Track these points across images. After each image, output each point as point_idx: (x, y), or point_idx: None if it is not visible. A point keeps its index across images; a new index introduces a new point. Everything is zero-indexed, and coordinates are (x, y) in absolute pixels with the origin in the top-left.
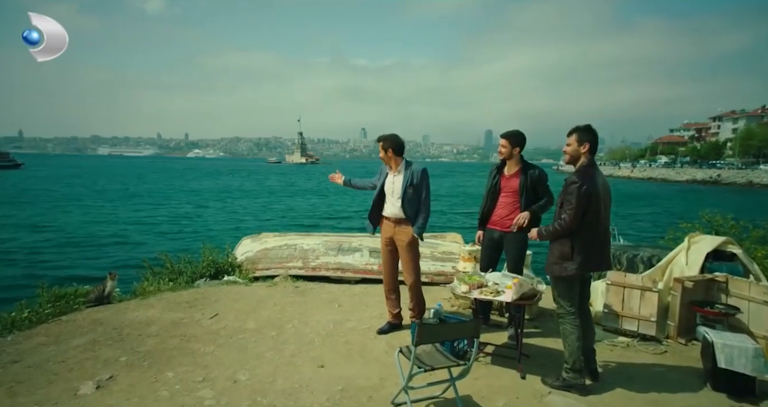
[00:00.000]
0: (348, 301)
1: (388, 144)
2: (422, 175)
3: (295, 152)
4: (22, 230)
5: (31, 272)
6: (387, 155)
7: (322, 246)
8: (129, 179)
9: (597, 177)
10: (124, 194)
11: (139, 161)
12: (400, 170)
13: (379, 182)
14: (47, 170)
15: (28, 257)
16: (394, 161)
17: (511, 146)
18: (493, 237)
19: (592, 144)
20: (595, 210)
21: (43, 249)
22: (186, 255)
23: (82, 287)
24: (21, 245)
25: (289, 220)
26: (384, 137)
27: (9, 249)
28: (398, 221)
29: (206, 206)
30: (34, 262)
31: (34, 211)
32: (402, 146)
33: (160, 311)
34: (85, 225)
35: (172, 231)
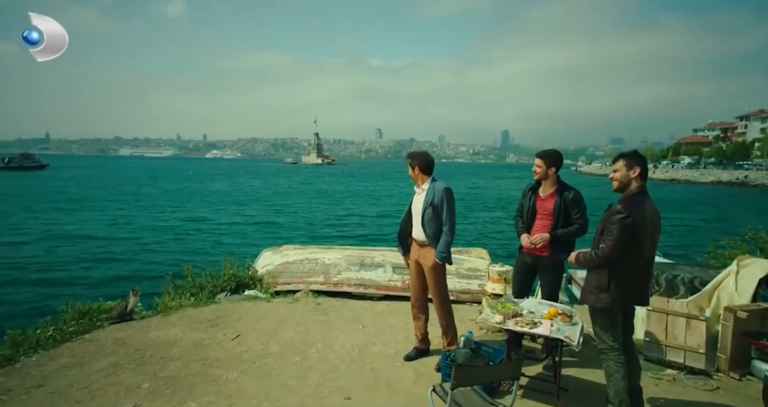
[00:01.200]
0: (372, 321)
1: (415, 162)
2: (444, 193)
3: (312, 153)
4: (38, 236)
5: (49, 277)
6: (415, 172)
7: (344, 261)
8: (149, 181)
9: (645, 206)
10: (143, 197)
11: (159, 161)
12: (424, 187)
13: (408, 202)
14: (70, 172)
15: (48, 263)
16: (421, 179)
17: (546, 166)
18: (526, 262)
19: (643, 169)
20: (639, 243)
21: (61, 257)
22: (207, 268)
23: (105, 303)
24: (37, 253)
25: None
26: (412, 154)
27: (25, 257)
28: (422, 243)
29: (224, 210)
30: (53, 268)
31: (51, 216)
32: (431, 164)
33: (182, 330)
34: (104, 230)
35: (189, 236)
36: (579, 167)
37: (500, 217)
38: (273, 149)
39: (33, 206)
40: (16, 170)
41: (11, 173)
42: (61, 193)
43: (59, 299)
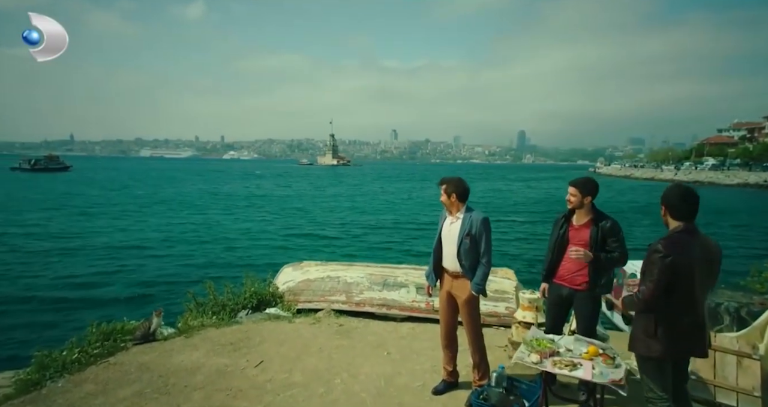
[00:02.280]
0: (396, 346)
1: (452, 189)
2: (482, 224)
3: (327, 154)
4: (57, 243)
5: (71, 286)
6: (450, 200)
7: (366, 280)
8: (168, 183)
9: (693, 246)
10: (161, 201)
11: (177, 163)
12: (458, 216)
13: (438, 229)
14: (92, 174)
15: (69, 274)
16: (457, 207)
17: (582, 195)
18: (560, 294)
19: (681, 206)
20: (686, 285)
21: (81, 266)
22: (228, 284)
23: (128, 323)
24: (57, 260)
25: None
26: (447, 180)
27: (46, 266)
28: (456, 274)
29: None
30: (74, 279)
31: (71, 221)
32: (467, 191)
33: (205, 354)
34: (122, 238)
35: (208, 243)
36: (597, 168)
37: (522, 223)
38: (289, 150)
39: (53, 210)
40: (42, 172)
41: (37, 174)
42: (79, 196)
43: (80, 311)
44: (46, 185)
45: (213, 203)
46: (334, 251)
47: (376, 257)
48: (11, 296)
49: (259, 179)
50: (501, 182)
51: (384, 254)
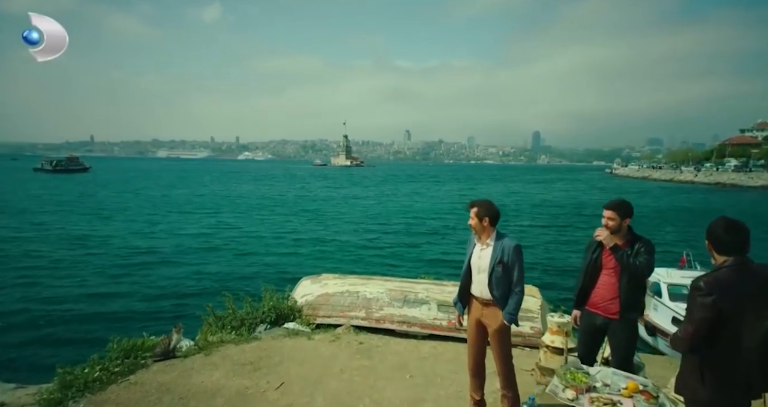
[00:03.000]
0: (418, 367)
1: (483, 212)
2: (515, 251)
3: (340, 155)
4: (74, 248)
5: (85, 291)
6: (482, 224)
7: (386, 296)
8: (183, 185)
9: (742, 283)
10: (177, 204)
11: (193, 163)
12: (489, 242)
13: (467, 255)
14: (109, 175)
15: (80, 276)
16: (488, 232)
17: (620, 218)
18: (594, 323)
19: (724, 240)
20: (734, 328)
21: (93, 270)
22: (247, 297)
23: (149, 339)
24: (75, 266)
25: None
26: (479, 203)
27: (65, 272)
28: (486, 302)
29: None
30: (87, 283)
31: (90, 225)
32: (499, 215)
33: (225, 374)
34: (138, 242)
35: (223, 250)
36: (614, 169)
37: (543, 228)
38: (303, 151)
39: (73, 212)
40: (62, 173)
41: (58, 175)
42: (94, 198)
43: (96, 320)
44: (65, 187)
45: (227, 207)
46: (349, 256)
47: (392, 264)
48: (29, 304)
49: (273, 180)
50: (517, 183)
51: (401, 259)
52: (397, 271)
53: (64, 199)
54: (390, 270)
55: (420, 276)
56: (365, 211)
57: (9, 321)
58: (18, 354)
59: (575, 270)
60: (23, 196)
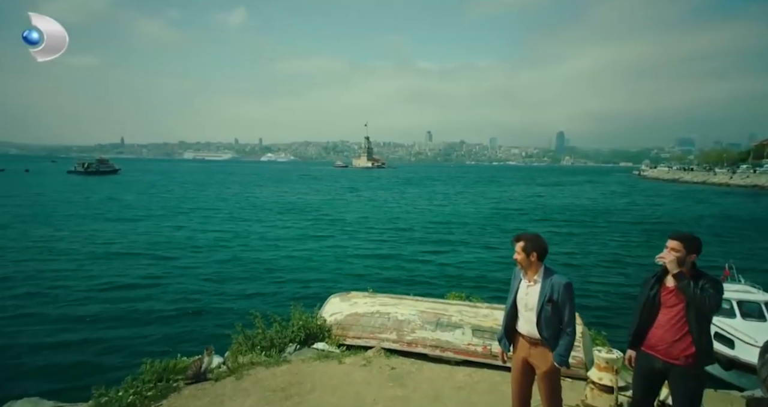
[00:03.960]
0: (454, 399)
1: (531, 247)
2: (565, 290)
3: (362, 156)
4: (94, 259)
5: (113, 304)
6: (529, 259)
7: (418, 318)
8: (208, 187)
9: None
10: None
11: (217, 165)
12: (537, 279)
13: (512, 290)
14: (137, 177)
15: (107, 286)
16: (535, 267)
17: (686, 252)
18: (652, 367)
19: None
20: None
21: (120, 279)
22: (275, 315)
23: (180, 360)
24: (99, 273)
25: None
26: (525, 237)
27: (92, 281)
28: (534, 342)
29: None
30: (113, 291)
31: (117, 229)
32: (547, 250)
33: (257, 402)
34: (161, 249)
35: (244, 257)
36: (642, 170)
37: (574, 235)
38: (324, 152)
39: (100, 216)
40: (93, 175)
41: (89, 177)
42: (120, 201)
43: (127, 333)
44: (95, 189)
45: (247, 212)
46: (373, 267)
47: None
48: (56, 315)
49: (294, 183)
50: (541, 186)
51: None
52: (424, 285)
53: (92, 202)
54: (416, 284)
55: (450, 295)
56: (387, 215)
57: (43, 339)
58: (54, 369)
59: (612, 285)
60: (58, 200)
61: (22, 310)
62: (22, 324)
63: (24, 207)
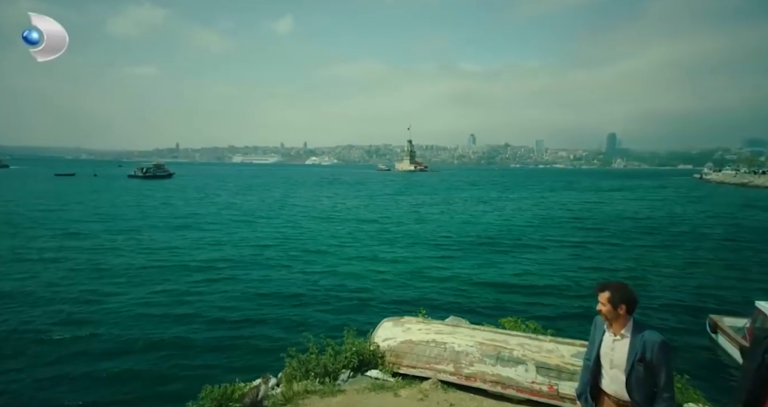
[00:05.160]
0: None
1: (620, 298)
2: (660, 349)
3: (404, 160)
4: (140, 272)
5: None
6: (617, 312)
7: (477, 350)
8: (255, 191)
9: None
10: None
11: (264, 168)
12: (625, 333)
13: (594, 343)
14: (189, 180)
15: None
16: (623, 320)
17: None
18: None
19: None
20: None
21: (167, 291)
22: (329, 339)
23: (238, 385)
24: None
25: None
26: (612, 287)
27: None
28: (623, 404)
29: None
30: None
31: (159, 235)
32: (637, 301)
33: None
34: (208, 254)
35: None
36: (705, 174)
37: (629, 246)
38: (367, 156)
39: (154, 227)
40: (151, 179)
41: (147, 181)
42: (172, 207)
43: (178, 353)
44: (150, 193)
45: (290, 217)
46: (421, 286)
47: (470, 296)
48: (111, 338)
49: (337, 187)
50: (592, 191)
51: (477, 286)
52: (474, 300)
53: (148, 207)
54: (465, 300)
55: (506, 321)
56: (431, 223)
57: (97, 365)
58: (113, 396)
59: (681, 310)
60: (117, 204)
61: (72, 333)
62: (75, 353)
63: (85, 212)
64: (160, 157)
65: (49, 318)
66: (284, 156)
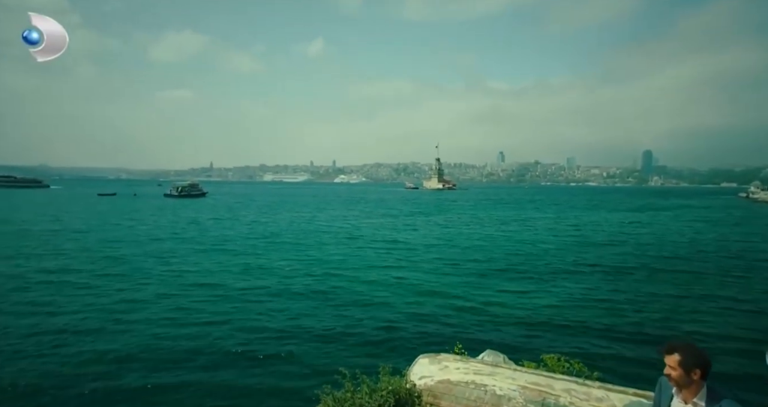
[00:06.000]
0: None
1: (693, 362)
2: None
3: (432, 178)
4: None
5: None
6: (690, 377)
7: (520, 395)
8: (285, 209)
9: None
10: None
11: (293, 187)
12: (698, 402)
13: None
14: (221, 199)
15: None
16: (696, 387)
17: None
18: None
19: None
20: None
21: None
22: (365, 377)
23: None
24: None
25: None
26: (682, 348)
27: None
28: None
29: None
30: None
31: (193, 257)
32: (711, 364)
33: None
34: (231, 278)
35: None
36: (751, 192)
37: (677, 272)
38: (395, 174)
39: (180, 246)
40: (186, 198)
41: (182, 200)
42: (200, 225)
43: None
44: (183, 212)
45: (317, 239)
46: (455, 318)
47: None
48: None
49: (364, 205)
50: (628, 211)
51: (513, 315)
52: (509, 328)
53: (179, 228)
54: (500, 330)
55: (548, 358)
56: (461, 245)
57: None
58: None
59: (746, 350)
60: (151, 225)
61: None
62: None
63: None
64: (195, 176)
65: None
66: (313, 174)
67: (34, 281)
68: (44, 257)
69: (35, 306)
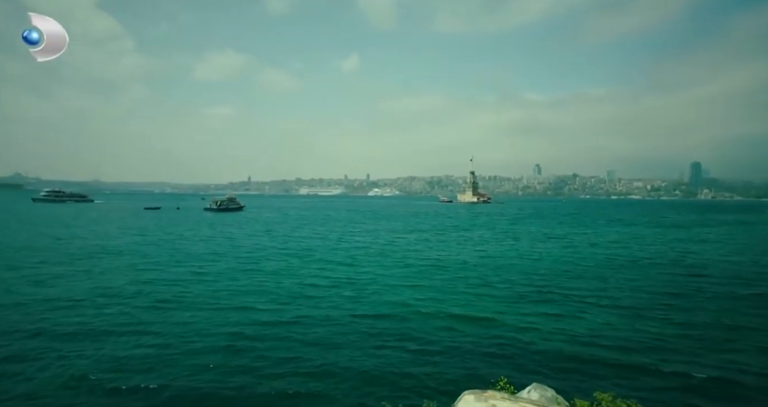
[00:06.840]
0: None
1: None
2: None
3: (467, 191)
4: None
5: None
6: None
7: None
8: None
9: None
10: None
11: (328, 200)
12: None
13: None
14: (257, 213)
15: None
16: None
17: None
18: None
19: None
20: None
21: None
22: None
23: None
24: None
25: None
26: None
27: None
28: None
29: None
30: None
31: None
32: None
33: None
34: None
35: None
36: None
37: None
38: (429, 187)
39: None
40: (224, 212)
41: (220, 214)
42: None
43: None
44: (221, 227)
45: (359, 258)
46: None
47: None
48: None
49: (394, 219)
50: (679, 227)
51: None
52: (549, 355)
53: (217, 243)
54: (549, 365)
55: (601, 397)
56: (497, 263)
57: None
58: None
59: None
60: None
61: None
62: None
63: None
64: (234, 190)
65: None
66: (348, 188)
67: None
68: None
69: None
